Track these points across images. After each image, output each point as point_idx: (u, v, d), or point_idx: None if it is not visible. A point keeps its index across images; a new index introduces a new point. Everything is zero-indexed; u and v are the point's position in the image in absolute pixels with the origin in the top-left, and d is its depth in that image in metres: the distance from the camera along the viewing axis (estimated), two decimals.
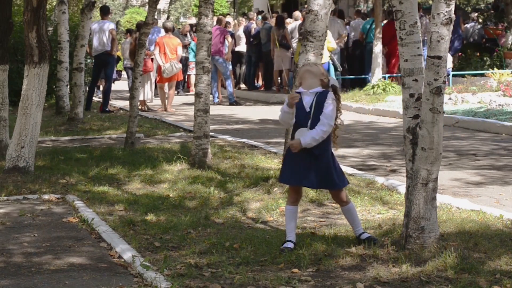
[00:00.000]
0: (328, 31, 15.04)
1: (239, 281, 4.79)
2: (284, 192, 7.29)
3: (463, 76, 18.24)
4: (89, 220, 6.35)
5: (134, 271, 5.05)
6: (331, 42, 14.49)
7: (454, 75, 18.69)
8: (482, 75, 18.01)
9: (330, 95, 5.50)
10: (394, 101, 15.92)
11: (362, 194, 7.24)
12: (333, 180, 5.52)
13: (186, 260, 5.26)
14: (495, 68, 18.24)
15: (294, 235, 5.53)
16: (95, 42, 16.65)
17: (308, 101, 5.50)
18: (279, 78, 21.13)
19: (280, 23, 20.08)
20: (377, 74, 18.11)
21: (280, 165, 7.82)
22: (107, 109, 16.81)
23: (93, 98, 18.17)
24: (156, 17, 13.91)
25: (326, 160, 5.50)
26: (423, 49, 6.73)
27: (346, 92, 17.61)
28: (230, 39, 18.76)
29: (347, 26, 20.57)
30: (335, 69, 16.48)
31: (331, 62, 15.52)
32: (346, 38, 19.73)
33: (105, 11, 17.31)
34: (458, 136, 11.94)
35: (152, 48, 17.70)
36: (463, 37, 20.60)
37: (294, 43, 19.71)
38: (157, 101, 18.59)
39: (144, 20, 12.02)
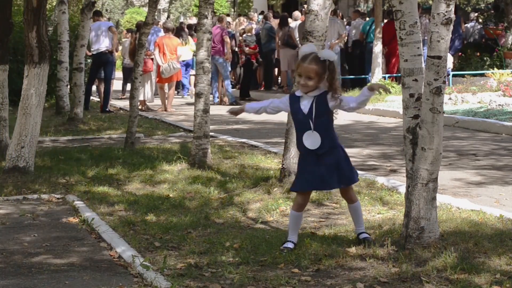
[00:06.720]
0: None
1: (239, 281, 4.78)
2: (284, 192, 7.29)
3: (463, 76, 18.24)
4: (89, 220, 6.35)
5: (134, 271, 5.05)
6: (192, 46, 18.70)
7: (454, 75, 18.69)
8: (482, 75, 18.02)
9: (329, 95, 5.46)
10: (394, 101, 15.93)
11: (362, 194, 7.23)
12: (344, 175, 5.48)
13: (186, 260, 5.26)
14: (495, 68, 18.26)
15: (295, 237, 5.52)
16: (95, 42, 16.66)
17: (306, 104, 5.47)
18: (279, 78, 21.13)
19: (284, 23, 20.09)
20: (377, 74, 18.11)
21: (280, 165, 7.86)
22: (107, 109, 16.81)
23: (91, 97, 18.15)
24: (156, 17, 13.90)
25: (335, 157, 5.45)
26: (423, 49, 6.74)
27: (346, 92, 17.59)
28: (227, 39, 18.71)
29: (347, 26, 20.56)
30: None
31: (194, 59, 18.45)
32: (346, 38, 19.73)
33: (98, 14, 17.44)
34: (458, 136, 11.94)
35: (152, 48, 17.70)
36: (463, 37, 20.59)
37: None
38: (158, 101, 18.60)
39: (144, 20, 12.02)
